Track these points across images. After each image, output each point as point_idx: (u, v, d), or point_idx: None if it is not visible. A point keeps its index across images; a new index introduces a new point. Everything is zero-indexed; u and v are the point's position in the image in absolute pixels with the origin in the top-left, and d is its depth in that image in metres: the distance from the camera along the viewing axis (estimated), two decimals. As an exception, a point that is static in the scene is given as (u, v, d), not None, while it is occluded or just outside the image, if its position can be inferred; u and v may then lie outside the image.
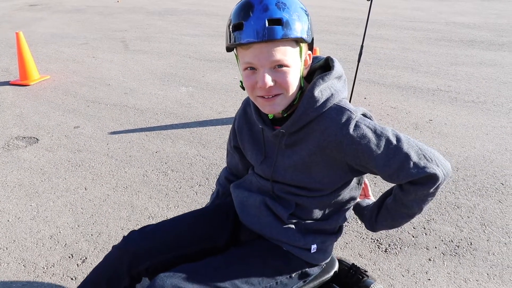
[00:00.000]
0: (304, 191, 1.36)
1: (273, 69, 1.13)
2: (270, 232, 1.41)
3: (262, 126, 1.33)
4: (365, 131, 1.19)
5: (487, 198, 2.74)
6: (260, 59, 1.12)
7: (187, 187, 2.92)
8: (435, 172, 1.19)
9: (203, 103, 4.45)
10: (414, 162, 1.19)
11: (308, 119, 1.23)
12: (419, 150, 1.20)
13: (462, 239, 2.37)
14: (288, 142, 1.30)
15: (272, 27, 1.07)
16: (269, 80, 1.13)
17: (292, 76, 1.15)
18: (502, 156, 3.27)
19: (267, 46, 1.09)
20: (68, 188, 2.94)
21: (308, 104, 1.21)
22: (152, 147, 3.50)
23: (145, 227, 1.49)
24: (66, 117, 4.18)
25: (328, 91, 1.22)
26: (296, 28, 1.10)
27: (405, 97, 4.56)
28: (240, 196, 1.53)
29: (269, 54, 1.11)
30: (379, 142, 1.19)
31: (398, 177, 1.21)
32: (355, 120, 1.20)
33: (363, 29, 8.05)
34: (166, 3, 12.01)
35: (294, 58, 1.15)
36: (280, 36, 1.08)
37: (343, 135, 1.19)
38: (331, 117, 1.21)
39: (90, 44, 7.31)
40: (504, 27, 8.29)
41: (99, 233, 2.48)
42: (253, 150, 1.44)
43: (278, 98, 1.18)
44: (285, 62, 1.12)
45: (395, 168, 1.19)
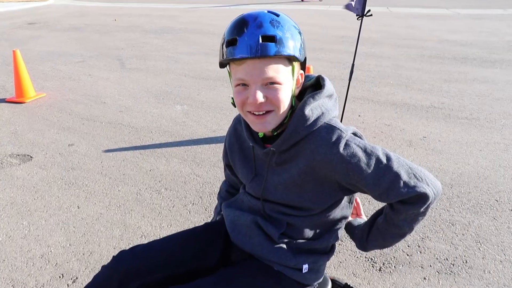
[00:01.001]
0: (294, 210, 1.36)
1: (265, 86, 1.14)
2: (261, 251, 1.40)
3: (253, 144, 1.33)
4: (355, 150, 1.19)
5: (481, 215, 2.74)
6: (252, 75, 1.12)
7: (181, 206, 2.91)
8: (425, 192, 1.18)
9: (198, 122, 4.46)
10: (404, 181, 1.18)
11: (298, 138, 1.23)
12: (409, 169, 1.20)
13: (457, 257, 2.36)
14: (279, 160, 1.30)
15: (265, 43, 1.09)
16: (260, 96, 1.14)
17: (284, 94, 1.16)
18: (496, 173, 3.27)
19: (260, 62, 1.10)
20: (60, 207, 2.92)
21: (298, 123, 1.21)
22: (146, 166, 3.49)
23: (135, 247, 1.47)
24: (61, 134, 4.17)
25: (319, 109, 1.22)
26: (289, 46, 1.11)
27: (399, 114, 4.58)
28: (231, 215, 1.52)
29: (261, 71, 1.12)
30: (369, 161, 1.19)
31: (388, 196, 1.20)
32: (345, 139, 1.20)
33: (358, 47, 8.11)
34: (162, 22, 12.11)
35: (286, 76, 1.16)
36: (273, 52, 1.09)
37: (333, 154, 1.19)
38: (321, 136, 1.21)
39: (86, 62, 7.34)
40: (495, 45, 8.37)
41: (90, 252, 2.46)
42: (244, 168, 1.44)
43: (269, 115, 1.18)
44: (277, 79, 1.13)
45: (385, 187, 1.19)
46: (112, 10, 15.20)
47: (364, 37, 9.30)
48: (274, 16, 1.12)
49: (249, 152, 1.42)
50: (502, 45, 8.40)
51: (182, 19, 12.71)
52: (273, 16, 1.12)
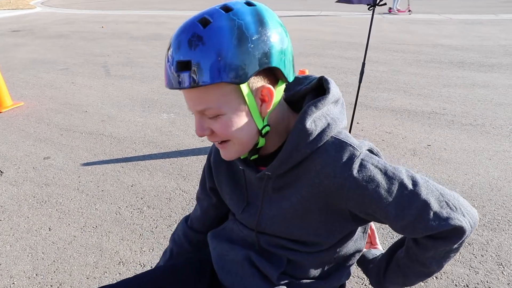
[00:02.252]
0: (297, 245, 1.07)
1: (206, 116, 0.89)
2: None
3: (243, 167, 1.04)
4: (373, 173, 0.91)
5: (500, 233, 2.46)
6: (188, 106, 0.89)
7: (164, 226, 2.60)
8: (461, 224, 0.92)
9: (185, 131, 4.16)
10: (435, 212, 0.91)
11: (300, 158, 0.94)
12: (440, 196, 0.93)
13: (479, 283, 2.07)
14: (276, 185, 1.02)
15: (179, 73, 0.82)
16: (201, 130, 0.90)
17: (232, 125, 0.88)
18: (509, 184, 3.00)
19: (189, 92, 0.86)
20: (29, 229, 2.61)
21: (299, 139, 0.92)
22: (128, 180, 3.18)
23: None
24: (37, 147, 3.85)
25: (324, 120, 0.94)
26: (211, 72, 0.80)
27: (399, 121, 4.32)
28: (218, 248, 1.23)
29: (193, 103, 0.87)
30: (391, 186, 0.91)
31: (415, 230, 0.93)
32: (359, 158, 0.92)
33: (352, 52, 7.89)
34: (150, 28, 11.82)
35: (231, 103, 0.86)
36: (187, 85, 0.81)
37: (345, 178, 0.91)
38: (328, 154, 0.93)
39: (70, 69, 7.02)
40: (491, 49, 8.19)
41: (60, 283, 2.14)
42: (233, 195, 1.14)
43: (228, 145, 0.93)
44: (212, 112, 0.86)
45: (411, 219, 0.92)
46: (99, 18, 14.90)
47: (357, 42, 9.09)
48: (199, 27, 0.81)
49: (239, 175, 1.12)
50: (498, 49, 8.22)
51: (171, 25, 12.43)
52: (197, 28, 0.81)
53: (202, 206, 1.33)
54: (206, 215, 1.33)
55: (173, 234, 1.42)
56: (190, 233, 1.36)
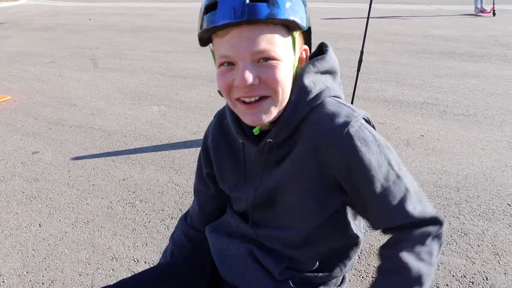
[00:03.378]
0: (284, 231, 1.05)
1: (257, 62, 0.82)
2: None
3: (243, 141, 1.00)
4: (368, 137, 0.88)
5: (495, 222, 2.45)
6: (239, 50, 0.81)
7: (157, 221, 2.55)
8: (436, 215, 0.92)
9: (176, 123, 4.10)
10: (414, 200, 0.91)
11: (299, 117, 0.91)
12: (417, 189, 0.94)
13: (476, 273, 2.06)
14: (275, 158, 0.99)
15: (254, 3, 0.78)
16: (250, 76, 0.81)
17: (283, 73, 0.84)
18: (503, 173, 3.00)
19: (249, 31, 0.79)
20: (19, 225, 2.55)
21: (299, 97, 0.90)
22: (119, 174, 3.12)
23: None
24: (25, 141, 3.77)
25: (322, 84, 0.93)
26: (286, 8, 0.81)
27: (392, 112, 4.30)
28: (218, 243, 1.19)
29: (250, 42, 0.80)
30: (380, 159, 0.89)
31: (396, 214, 0.90)
32: (357, 120, 0.89)
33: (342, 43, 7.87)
34: (139, 20, 11.67)
35: (285, 49, 0.85)
36: (264, 15, 0.78)
37: (340, 135, 0.88)
38: (326, 112, 0.90)
39: (57, 62, 6.90)
40: (481, 39, 8.21)
41: (52, 281, 2.09)
42: (233, 174, 1.10)
43: (265, 103, 0.86)
44: (272, 54, 0.82)
45: (393, 201, 0.90)
46: (86, 10, 14.68)
47: (347, 33, 9.06)
48: None
49: (240, 155, 1.08)
50: (488, 39, 8.25)
51: (159, 17, 12.29)
52: None
53: (199, 200, 1.29)
54: (204, 209, 1.29)
55: (172, 234, 1.39)
56: (190, 232, 1.32)
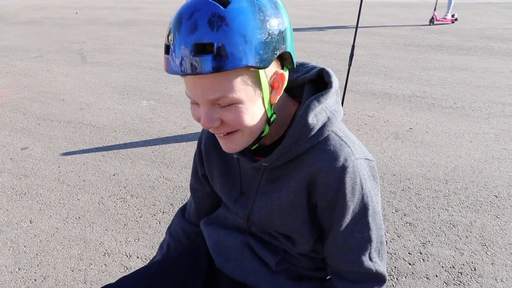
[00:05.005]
0: (285, 240, 1.08)
1: (218, 106, 0.81)
2: (257, 280, 1.11)
3: (238, 156, 1.01)
4: (357, 185, 0.93)
5: (483, 214, 2.50)
6: (195, 95, 0.79)
7: (149, 215, 2.56)
8: (383, 273, 1.02)
9: (166, 118, 4.09)
10: (371, 252, 1.00)
11: (298, 152, 0.92)
12: (380, 244, 1.02)
13: (464, 263, 2.10)
14: (271, 177, 1.00)
15: (198, 56, 0.72)
16: (210, 122, 0.81)
17: (247, 114, 0.82)
18: (490, 165, 3.05)
19: (200, 79, 0.76)
20: (9, 222, 2.53)
21: (300, 134, 0.89)
22: (109, 169, 3.11)
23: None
24: (13, 137, 3.74)
25: (324, 114, 0.91)
26: (237, 55, 0.73)
27: (381, 105, 4.34)
28: (214, 235, 1.20)
29: (203, 91, 0.77)
30: (358, 207, 0.96)
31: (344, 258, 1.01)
32: (353, 164, 0.92)
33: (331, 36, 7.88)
34: (127, 14, 11.58)
35: (247, 90, 0.79)
36: (209, 68, 0.72)
37: (335, 179, 0.91)
38: (326, 152, 0.91)
39: (44, 57, 6.83)
40: (468, 32, 8.28)
41: (44, 277, 2.09)
42: (225, 184, 1.11)
43: (235, 136, 0.86)
44: (228, 100, 0.78)
45: (348, 246, 0.99)
46: (73, 3, 14.52)
47: (336, 26, 9.08)
48: (219, 8, 0.72)
49: (233, 164, 1.09)
50: (474, 32, 8.32)
51: (147, 11, 12.20)
52: (217, 8, 0.72)
53: (196, 197, 1.30)
54: (201, 205, 1.30)
55: (169, 228, 1.39)
56: (187, 227, 1.34)
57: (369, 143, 3.43)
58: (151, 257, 2.19)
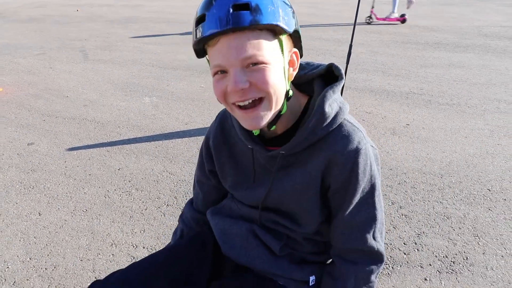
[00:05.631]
0: (293, 224, 1.16)
1: (247, 68, 0.90)
2: (262, 265, 1.19)
3: (252, 146, 1.10)
4: (367, 166, 1.03)
5: (476, 206, 2.59)
6: (228, 58, 0.88)
7: (154, 208, 2.65)
8: (383, 253, 1.12)
9: (169, 114, 4.18)
10: (374, 231, 1.10)
11: (314, 139, 1.01)
12: (382, 225, 1.12)
13: (457, 253, 2.20)
14: (285, 163, 1.08)
15: (237, 12, 0.85)
16: (240, 80, 0.89)
17: (272, 75, 0.91)
18: (484, 160, 3.14)
19: (235, 38, 0.87)
20: (19, 214, 2.62)
21: (318, 122, 0.99)
22: (114, 164, 3.20)
23: (110, 276, 1.21)
24: (19, 133, 3.82)
25: (336, 104, 1.01)
26: (269, 13, 0.87)
27: (379, 101, 4.42)
28: (220, 224, 1.29)
29: (238, 49, 0.87)
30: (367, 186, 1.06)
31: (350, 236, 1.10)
32: (366, 147, 1.02)
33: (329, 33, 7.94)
34: (127, 12, 11.64)
35: (273, 53, 0.91)
36: (248, 22, 0.85)
37: (350, 159, 1.01)
38: (341, 136, 1.01)
39: (47, 54, 6.90)
40: (466, 30, 8.35)
41: (54, 266, 2.18)
42: (237, 176, 1.20)
43: (261, 106, 0.93)
44: (259, 58, 0.89)
45: (355, 224, 1.09)
46: (73, 1, 14.56)
47: (334, 23, 9.15)
48: None
49: (245, 157, 1.17)
50: (472, 30, 8.39)
51: (147, 8, 12.26)
52: None
53: (203, 189, 1.39)
54: (208, 197, 1.39)
55: (181, 216, 1.49)
56: (196, 216, 1.43)
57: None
58: (156, 247, 2.28)
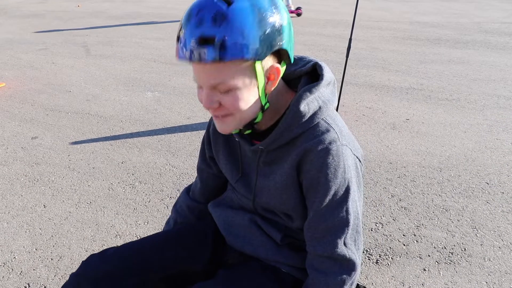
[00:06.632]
0: (287, 219, 1.20)
1: (217, 90, 0.94)
2: (266, 253, 1.23)
3: (238, 139, 1.15)
4: (339, 167, 1.03)
5: (474, 199, 2.63)
6: (199, 79, 0.93)
7: (157, 200, 2.69)
8: (356, 261, 1.09)
9: (171, 109, 4.22)
10: (346, 237, 1.08)
11: (291, 137, 1.04)
12: (356, 233, 1.10)
13: (455, 245, 2.24)
14: (267, 159, 1.12)
15: (201, 47, 0.86)
16: (210, 102, 0.95)
17: (242, 100, 0.95)
18: (483, 154, 3.18)
19: (203, 68, 0.90)
20: (24, 206, 2.67)
21: (292, 120, 1.02)
22: (118, 157, 3.25)
23: (106, 250, 1.27)
24: (23, 127, 3.86)
25: (315, 103, 1.03)
26: (234, 48, 0.86)
27: (379, 97, 4.46)
28: (223, 215, 1.33)
29: (207, 76, 0.91)
30: (340, 189, 1.05)
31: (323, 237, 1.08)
32: (337, 148, 1.03)
33: (330, 29, 7.97)
34: (128, 7, 11.65)
35: (244, 79, 0.93)
36: (210, 58, 0.86)
37: (318, 159, 1.02)
38: (314, 135, 1.04)
39: (49, 49, 6.93)
40: (466, 26, 8.37)
41: (60, 256, 2.22)
42: (228, 164, 1.24)
43: (228, 119, 0.99)
44: (228, 86, 0.92)
45: (324, 228, 1.08)
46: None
47: (335, 19, 9.16)
48: (223, 6, 0.86)
49: (235, 147, 1.22)
50: (473, 26, 8.41)
51: (148, 3, 12.27)
52: (220, 7, 0.86)
53: (202, 177, 1.43)
54: (206, 185, 1.43)
55: (175, 205, 1.53)
56: (192, 204, 1.46)
57: (367, 133, 3.55)
58: (160, 239, 2.33)
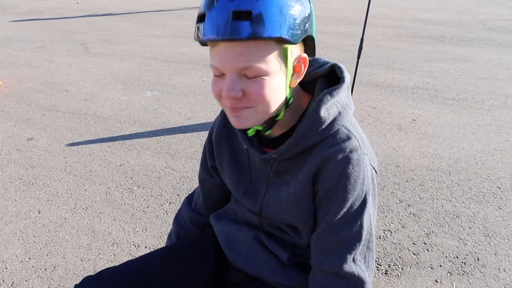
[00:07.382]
0: (295, 234, 1.09)
1: (243, 76, 0.82)
2: (271, 274, 1.12)
3: (248, 147, 1.03)
4: (359, 179, 0.92)
5: (486, 205, 2.53)
6: (225, 64, 0.81)
7: (156, 206, 2.59)
8: (365, 280, 0.98)
9: (170, 109, 4.12)
10: (356, 253, 0.97)
11: (308, 144, 0.93)
12: (366, 249, 0.99)
13: (468, 254, 2.14)
14: (279, 169, 1.01)
15: (236, 22, 0.76)
16: (234, 90, 0.82)
17: (270, 88, 0.83)
18: (492, 157, 3.08)
19: (233, 47, 0.78)
20: (18, 212, 2.57)
21: (311, 127, 0.91)
22: (115, 160, 3.14)
23: (103, 272, 1.16)
24: (19, 128, 3.76)
25: (335, 108, 0.92)
26: (272, 24, 0.76)
27: (384, 96, 4.35)
28: (225, 230, 1.22)
29: (234, 59, 0.80)
30: (356, 202, 0.94)
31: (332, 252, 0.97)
32: (358, 157, 0.92)
33: (332, 27, 7.88)
34: (127, 4, 11.54)
35: (274, 64, 0.82)
36: (246, 34, 0.76)
37: (337, 169, 0.92)
38: (334, 143, 0.93)
39: (47, 47, 6.82)
40: (470, 23, 8.28)
41: (54, 266, 2.12)
42: (233, 174, 1.12)
43: (247, 111, 0.86)
44: (257, 70, 0.80)
45: (340, 239, 0.96)
46: (73, -7, 14.45)
47: (337, 16, 9.06)
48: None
49: (242, 155, 1.11)
50: (476, 23, 8.32)
51: (148, 1, 12.16)
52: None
53: (204, 188, 1.32)
54: (209, 197, 1.32)
55: (176, 218, 1.42)
56: (194, 217, 1.36)
57: (373, 134, 3.45)
58: (158, 247, 2.23)
